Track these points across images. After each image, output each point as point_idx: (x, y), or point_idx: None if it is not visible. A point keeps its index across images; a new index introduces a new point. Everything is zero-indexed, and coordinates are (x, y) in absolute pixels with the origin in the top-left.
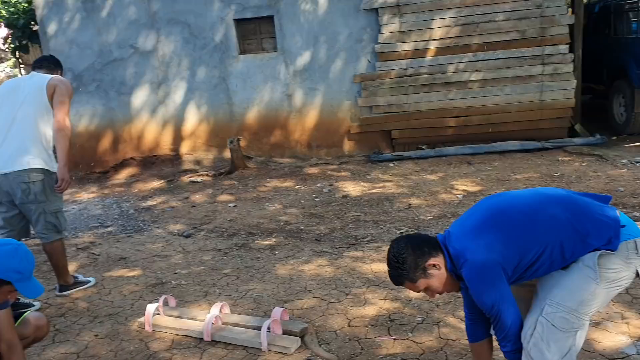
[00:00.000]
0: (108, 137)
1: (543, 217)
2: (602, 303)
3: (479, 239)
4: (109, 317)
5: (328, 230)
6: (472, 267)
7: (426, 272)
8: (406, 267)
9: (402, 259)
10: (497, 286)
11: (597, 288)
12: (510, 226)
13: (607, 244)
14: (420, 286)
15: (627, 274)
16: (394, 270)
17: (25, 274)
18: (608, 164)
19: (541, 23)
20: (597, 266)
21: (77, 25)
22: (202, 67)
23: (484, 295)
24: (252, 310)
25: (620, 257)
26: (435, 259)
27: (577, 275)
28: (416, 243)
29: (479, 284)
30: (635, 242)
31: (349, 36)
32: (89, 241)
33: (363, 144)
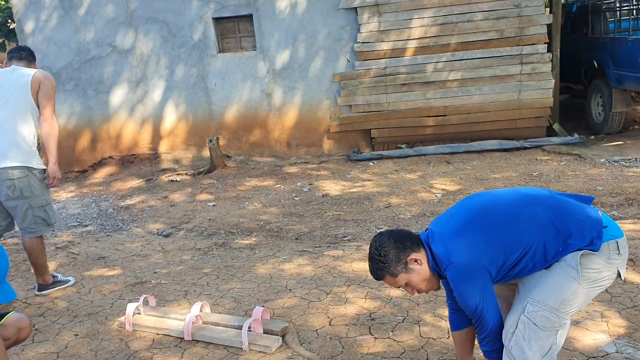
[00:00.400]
0: (86, 136)
1: (526, 218)
2: (583, 302)
3: (463, 239)
4: (89, 317)
5: (308, 229)
6: (457, 270)
7: (407, 267)
8: (387, 260)
9: (384, 252)
10: (481, 288)
11: (579, 288)
12: (493, 227)
13: (589, 244)
14: (400, 281)
15: (609, 274)
16: (375, 264)
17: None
18: (586, 163)
19: (519, 23)
20: (579, 266)
21: (54, 23)
22: (181, 65)
23: (468, 298)
24: (233, 310)
25: (602, 258)
26: (417, 254)
27: (559, 275)
28: (398, 237)
29: (464, 286)
30: (617, 242)
31: (328, 35)
32: (68, 240)
33: (342, 143)
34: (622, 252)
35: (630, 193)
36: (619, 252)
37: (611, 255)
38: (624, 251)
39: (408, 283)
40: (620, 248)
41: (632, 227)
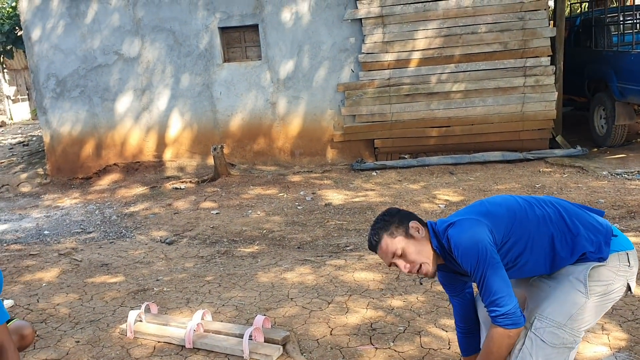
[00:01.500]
0: (91, 143)
1: (536, 211)
2: (593, 318)
3: (467, 212)
4: (91, 324)
5: (311, 238)
6: (459, 225)
7: (408, 232)
8: (391, 220)
9: (390, 212)
10: (483, 246)
11: (587, 302)
12: (503, 211)
13: (597, 250)
14: (397, 244)
15: (618, 286)
16: (377, 223)
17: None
18: (589, 176)
19: (523, 35)
20: (587, 279)
21: (61, 31)
22: (186, 74)
23: (470, 254)
24: (234, 318)
25: (611, 270)
26: (420, 225)
27: (567, 290)
28: (406, 213)
29: (466, 240)
30: (627, 254)
31: (332, 45)
32: (71, 247)
33: (346, 152)
34: (633, 264)
35: (632, 206)
36: (629, 264)
37: (621, 267)
38: (634, 263)
39: (404, 250)
40: (631, 260)
41: (634, 239)
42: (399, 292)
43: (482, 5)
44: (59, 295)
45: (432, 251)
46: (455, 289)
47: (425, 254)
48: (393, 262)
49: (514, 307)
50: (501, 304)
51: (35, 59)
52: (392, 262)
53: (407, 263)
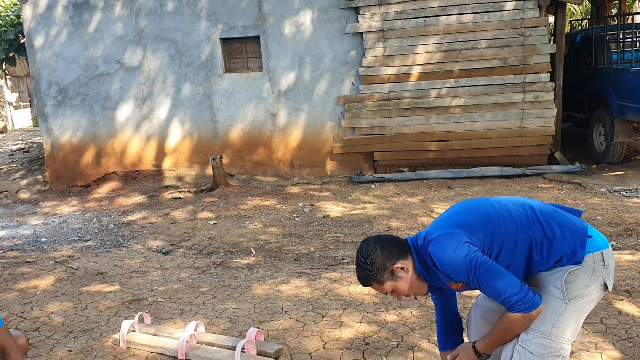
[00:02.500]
0: (91, 151)
1: (514, 213)
2: (576, 323)
3: (445, 222)
4: (84, 333)
5: (307, 250)
6: (438, 242)
7: (394, 275)
8: (374, 268)
9: (370, 260)
10: (468, 257)
11: (567, 307)
12: (480, 215)
13: (572, 254)
14: (386, 288)
15: (595, 287)
16: (362, 271)
17: None
18: (587, 193)
19: (523, 51)
20: (564, 285)
21: (64, 39)
22: (187, 84)
23: (459, 268)
24: (228, 330)
25: (587, 272)
26: (404, 261)
27: (545, 298)
28: (385, 244)
29: (450, 257)
30: (602, 253)
31: (333, 58)
32: (68, 255)
33: (345, 164)
34: (608, 263)
35: (629, 224)
36: (604, 264)
37: (596, 268)
38: (609, 262)
39: (395, 290)
40: (606, 259)
41: (630, 257)
42: (393, 307)
43: (482, 21)
44: (53, 304)
45: (420, 281)
46: (436, 289)
47: (415, 287)
48: (387, 294)
49: (524, 291)
50: (511, 296)
51: (37, 67)
52: (386, 294)
53: (400, 294)
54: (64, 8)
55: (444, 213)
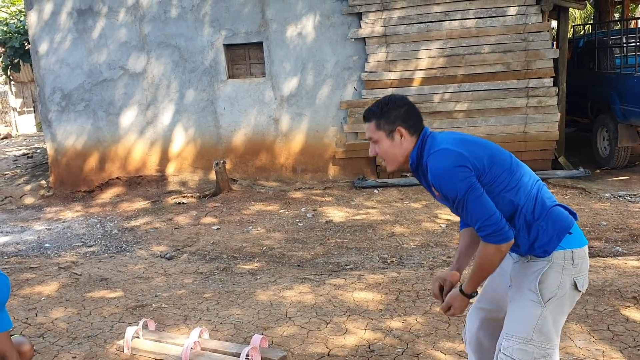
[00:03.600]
0: (95, 156)
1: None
2: (557, 323)
3: (456, 141)
4: (88, 339)
5: (310, 256)
6: (439, 155)
7: (392, 133)
8: (385, 113)
9: (389, 106)
10: (461, 175)
11: (544, 310)
12: (495, 157)
13: (546, 242)
14: (376, 136)
15: (568, 286)
16: (375, 108)
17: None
18: (591, 198)
19: (526, 56)
20: (538, 287)
21: (68, 45)
22: (191, 90)
23: (448, 184)
24: (232, 336)
25: (557, 271)
26: (408, 134)
27: (522, 303)
28: (411, 110)
29: (443, 172)
30: (572, 252)
31: (336, 64)
32: (71, 260)
33: (348, 169)
34: (577, 262)
35: (635, 229)
36: (573, 262)
37: (565, 265)
38: (579, 262)
39: (378, 142)
40: (576, 258)
41: (636, 263)
42: (398, 313)
43: (485, 26)
44: (57, 310)
45: (403, 158)
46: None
47: (392, 156)
48: (369, 139)
49: (501, 223)
50: (489, 226)
51: (41, 73)
52: (368, 139)
53: (375, 151)
54: (68, 15)
55: (462, 134)
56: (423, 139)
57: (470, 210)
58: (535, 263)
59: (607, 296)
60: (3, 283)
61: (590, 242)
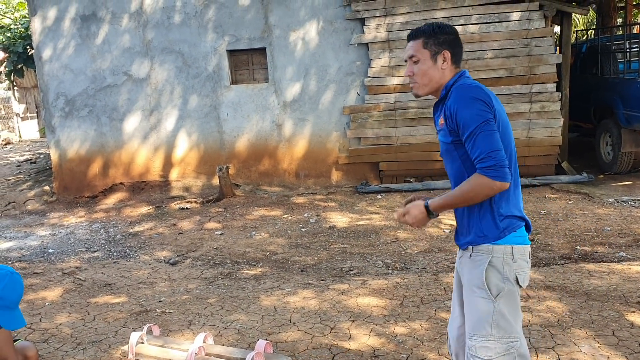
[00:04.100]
0: (98, 161)
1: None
2: (513, 313)
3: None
4: (92, 344)
5: (314, 261)
6: (467, 85)
7: (436, 56)
8: (435, 35)
9: (442, 30)
10: (484, 109)
11: (496, 304)
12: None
13: (493, 226)
14: (420, 54)
15: (512, 279)
16: (426, 27)
17: (7, 302)
18: (595, 203)
19: (529, 62)
20: (485, 283)
21: (72, 51)
22: (194, 95)
23: (471, 110)
24: (236, 342)
25: (498, 264)
26: (451, 62)
27: (475, 301)
28: (458, 41)
29: (467, 99)
30: (512, 247)
31: (339, 69)
32: (75, 266)
33: (351, 174)
34: (517, 258)
35: (639, 234)
36: (513, 258)
37: (505, 260)
38: (519, 258)
39: (421, 62)
40: (515, 254)
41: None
42: (402, 319)
43: (488, 31)
44: (61, 315)
45: (437, 85)
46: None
47: (428, 79)
48: (408, 59)
49: (505, 162)
50: (493, 156)
51: (45, 78)
52: (407, 59)
53: (412, 71)
54: (72, 21)
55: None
56: (461, 75)
57: (479, 141)
58: (477, 257)
59: (611, 301)
60: (17, 282)
61: (594, 248)
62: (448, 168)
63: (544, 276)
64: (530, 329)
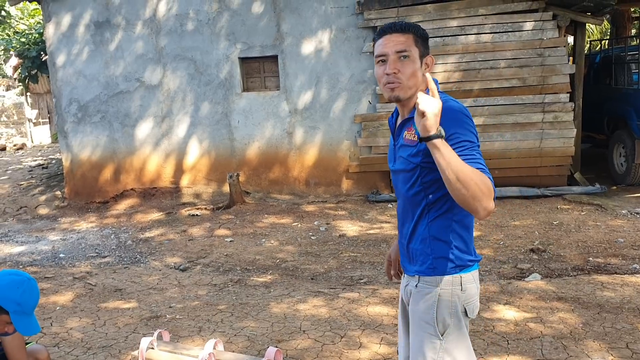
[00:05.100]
0: (110, 167)
1: None
2: (461, 352)
3: None
4: (103, 349)
5: (324, 269)
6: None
7: (423, 58)
8: (424, 36)
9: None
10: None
11: (442, 343)
12: None
13: (454, 257)
14: (410, 51)
15: (460, 312)
16: (413, 25)
17: (24, 307)
18: (608, 214)
19: (542, 72)
20: (435, 318)
21: (85, 57)
22: (206, 102)
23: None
24: (246, 349)
25: (447, 298)
26: (432, 66)
27: (421, 336)
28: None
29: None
30: (460, 277)
31: (350, 77)
32: (86, 271)
33: (361, 183)
34: (465, 287)
35: None
36: (462, 288)
37: (454, 291)
38: (467, 286)
39: (411, 60)
40: (464, 283)
41: None
42: None
43: (501, 41)
44: (72, 320)
45: (416, 90)
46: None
47: (413, 83)
48: (391, 55)
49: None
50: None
51: (58, 84)
52: (390, 55)
53: (398, 68)
54: (86, 27)
55: None
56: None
57: (479, 156)
58: (425, 290)
59: (625, 314)
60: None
61: (607, 260)
62: (401, 193)
63: (557, 287)
64: (542, 340)
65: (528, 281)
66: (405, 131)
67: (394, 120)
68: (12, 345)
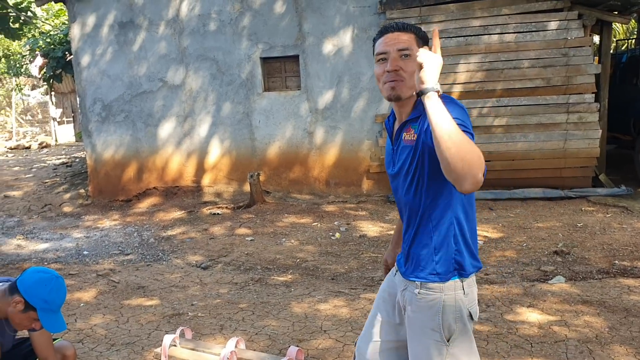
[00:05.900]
0: (133, 166)
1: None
2: (471, 356)
3: None
4: (126, 346)
5: (344, 270)
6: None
7: None
8: (424, 37)
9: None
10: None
11: (449, 349)
12: None
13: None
14: (415, 52)
15: (466, 317)
16: (411, 25)
17: (51, 305)
18: (634, 217)
19: (567, 72)
20: (442, 325)
21: (109, 58)
22: (228, 102)
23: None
24: (268, 347)
25: (451, 303)
26: None
27: (425, 344)
28: None
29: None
30: (462, 281)
31: (372, 77)
32: (109, 268)
33: (382, 184)
34: (468, 291)
35: None
36: (464, 292)
37: (457, 296)
38: (469, 290)
39: (413, 60)
40: (466, 287)
41: None
42: None
43: (524, 40)
44: (96, 316)
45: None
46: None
47: (413, 81)
48: (393, 53)
49: None
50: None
51: (83, 84)
52: (391, 53)
53: (400, 65)
54: (110, 27)
55: None
56: None
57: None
58: (428, 297)
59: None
60: (61, 285)
61: (634, 263)
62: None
63: (581, 290)
64: (567, 344)
65: (552, 284)
66: (404, 133)
67: (391, 123)
68: (40, 341)
